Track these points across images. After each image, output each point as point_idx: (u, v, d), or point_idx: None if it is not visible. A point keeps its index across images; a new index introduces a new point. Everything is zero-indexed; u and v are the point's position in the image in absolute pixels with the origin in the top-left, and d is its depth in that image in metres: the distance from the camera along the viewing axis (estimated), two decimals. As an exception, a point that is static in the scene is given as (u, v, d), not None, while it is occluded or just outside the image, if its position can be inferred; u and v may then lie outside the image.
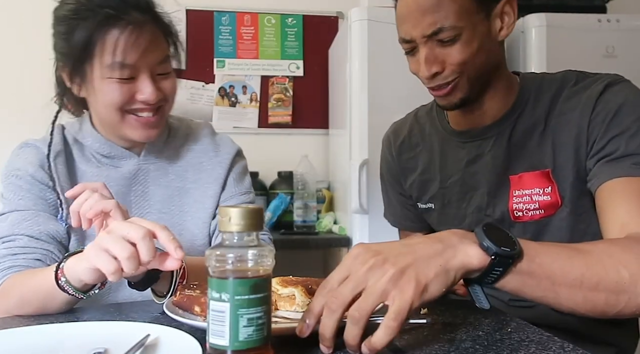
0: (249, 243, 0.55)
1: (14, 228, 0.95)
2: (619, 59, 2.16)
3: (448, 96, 0.98)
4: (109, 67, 0.93)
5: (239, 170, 1.15)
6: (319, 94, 2.69)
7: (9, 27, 2.48)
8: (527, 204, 1.00)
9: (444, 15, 0.91)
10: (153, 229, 0.70)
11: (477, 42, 0.94)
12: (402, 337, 0.68)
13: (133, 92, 0.96)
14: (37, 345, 0.63)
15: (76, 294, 0.78)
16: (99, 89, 0.96)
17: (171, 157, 1.10)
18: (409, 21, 0.95)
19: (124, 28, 0.93)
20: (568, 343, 0.65)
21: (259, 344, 0.54)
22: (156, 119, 1.00)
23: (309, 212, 2.36)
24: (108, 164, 1.06)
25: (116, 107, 0.96)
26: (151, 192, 1.08)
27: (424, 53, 0.95)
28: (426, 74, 0.95)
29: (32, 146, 1.05)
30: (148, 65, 0.96)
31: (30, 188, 1.00)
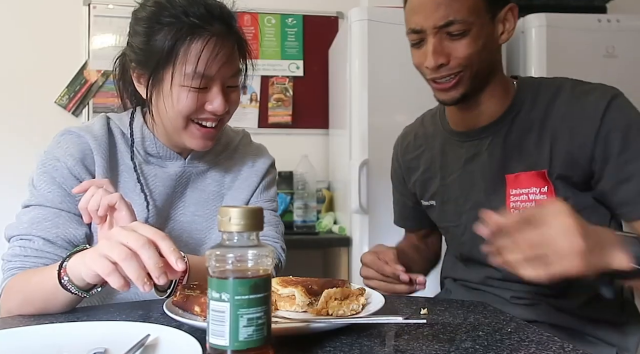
0: (249, 243, 0.55)
1: (33, 227, 0.94)
2: (619, 59, 2.16)
3: (450, 90, 1.01)
4: (188, 76, 0.94)
5: (269, 180, 1.18)
6: (319, 94, 2.69)
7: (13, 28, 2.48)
8: (524, 202, 1.02)
9: (456, 8, 0.95)
10: (153, 238, 0.69)
11: (482, 39, 0.98)
12: (402, 337, 0.68)
13: (203, 102, 0.97)
14: (37, 345, 0.63)
15: (78, 293, 0.78)
16: (172, 94, 0.96)
17: (211, 162, 1.12)
18: (421, 12, 0.97)
19: (207, 39, 0.94)
20: (568, 343, 0.65)
21: (259, 344, 0.54)
22: (215, 132, 1.02)
23: (309, 212, 2.36)
24: (155, 163, 1.07)
25: (185, 114, 0.97)
26: (188, 194, 1.09)
27: (432, 44, 0.98)
28: (432, 64, 0.98)
29: (75, 134, 1.02)
30: (222, 78, 0.97)
31: (63, 182, 0.98)
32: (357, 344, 0.65)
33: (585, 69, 2.15)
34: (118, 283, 0.68)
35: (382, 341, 0.67)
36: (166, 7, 0.95)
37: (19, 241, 0.94)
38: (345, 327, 0.70)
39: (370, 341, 0.66)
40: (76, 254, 0.78)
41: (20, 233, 0.94)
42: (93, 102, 2.54)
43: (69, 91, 2.51)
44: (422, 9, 0.97)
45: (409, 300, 0.94)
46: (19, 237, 0.94)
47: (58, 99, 2.50)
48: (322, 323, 0.67)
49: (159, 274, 0.67)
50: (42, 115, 2.44)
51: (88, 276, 0.73)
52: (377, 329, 0.71)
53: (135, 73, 1.00)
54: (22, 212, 0.97)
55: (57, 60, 2.51)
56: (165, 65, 0.95)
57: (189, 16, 0.93)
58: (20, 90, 2.47)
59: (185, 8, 0.94)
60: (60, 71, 2.50)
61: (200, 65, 0.93)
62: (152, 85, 0.98)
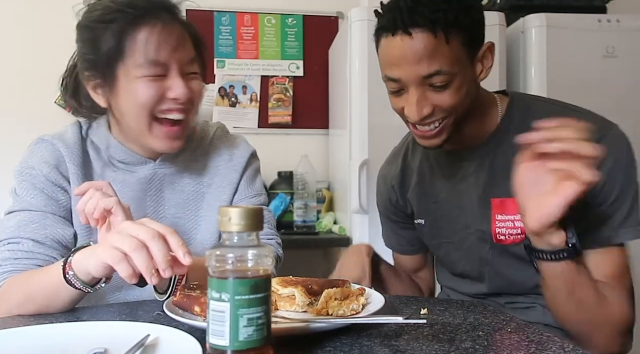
0: (249, 243, 0.55)
1: (20, 230, 0.95)
2: (619, 59, 2.16)
3: (433, 138, 0.99)
4: (141, 66, 0.93)
5: (251, 173, 1.15)
6: (319, 94, 2.68)
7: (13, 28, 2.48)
8: (509, 229, 1.01)
9: (439, 62, 0.91)
10: (163, 232, 0.71)
11: (465, 87, 0.95)
12: (402, 337, 0.68)
13: (164, 90, 0.95)
14: (37, 345, 0.63)
15: (83, 288, 0.79)
16: (129, 90, 0.95)
17: (187, 160, 1.10)
18: (401, 64, 0.93)
19: (153, 26, 0.93)
20: (568, 343, 0.65)
21: (259, 344, 0.54)
22: (180, 130, 1.00)
23: (309, 212, 2.36)
24: (124, 169, 1.05)
25: (147, 107, 0.95)
26: (166, 196, 1.07)
27: (415, 96, 0.94)
28: (415, 118, 0.95)
29: (47, 142, 1.03)
30: (178, 63, 0.96)
31: (43, 188, 0.99)
32: (357, 344, 0.65)
33: (585, 69, 2.17)
34: (126, 272, 0.70)
35: (382, 341, 0.67)
36: (107, 7, 0.95)
37: (8, 245, 0.94)
38: (345, 327, 0.70)
39: (370, 341, 0.66)
40: (82, 250, 0.79)
41: (8, 237, 0.94)
42: (93, 102, 2.54)
43: (69, 91, 2.51)
44: (402, 61, 0.93)
45: (409, 300, 0.94)
46: (7, 241, 0.94)
47: (58, 99, 2.50)
48: (322, 323, 0.67)
49: (165, 267, 0.69)
50: (42, 115, 2.43)
51: (97, 267, 0.74)
52: (377, 329, 0.71)
53: (90, 83, 0.99)
54: (7, 218, 0.98)
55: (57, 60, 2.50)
56: (117, 61, 0.94)
57: (131, 8, 0.93)
58: (21, 90, 2.46)
59: (126, 2, 0.94)
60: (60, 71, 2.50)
61: (150, 52, 0.92)
62: (109, 88, 0.96)
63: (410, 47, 0.91)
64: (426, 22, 0.90)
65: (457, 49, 0.92)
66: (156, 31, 0.93)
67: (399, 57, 0.93)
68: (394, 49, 0.93)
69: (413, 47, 0.91)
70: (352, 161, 2.06)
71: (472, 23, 0.94)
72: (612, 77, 2.12)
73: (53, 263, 0.92)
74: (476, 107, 1.01)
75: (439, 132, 0.98)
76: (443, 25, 0.90)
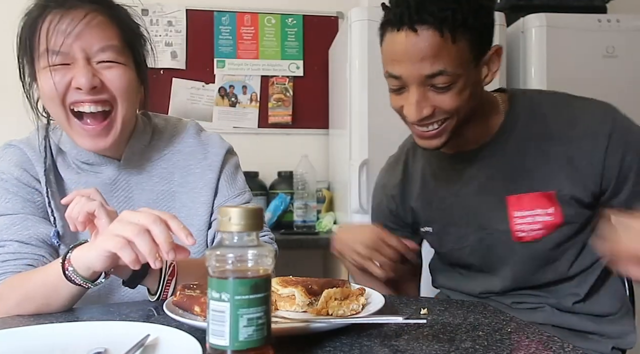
0: (249, 243, 0.55)
1: (3, 234, 0.94)
2: (619, 59, 2.16)
3: (432, 138, 0.98)
4: (42, 56, 0.91)
5: (230, 170, 1.11)
6: (319, 94, 2.69)
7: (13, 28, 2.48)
8: (529, 225, 1.00)
9: (443, 62, 0.89)
10: (164, 217, 0.71)
11: (468, 90, 0.93)
12: (402, 337, 0.68)
13: (69, 80, 0.92)
14: (37, 345, 0.63)
15: (83, 283, 0.78)
16: (39, 83, 0.94)
17: (155, 159, 1.06)
18: (403, 62, 0.92)
19: (55, 14, 0.91)
20: (568, 343, 0.65)
21: (259, 344, 0.54)
22: (104, 127, 0.95)
23: (309, 212, 2.36)
24: (88, 171, 1.03)
25: (54, 99, 0.92)
26: (135, 197, 1.04)
27: (416, 96, 0.93)
28: (414, 118, 0.94)
29: (14, 147, 1.03)
30: (83, 52, 0.92)
31: (18, 191, 0.98)
32: (357, 344, 0.65)
33: (585, 69, 2.17)
34: (130, 257, 0.71)
35: (382, 341, 0.67)
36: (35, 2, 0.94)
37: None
38: (345, 327, 0.70)
39: (370, 341, 0.66)
40: (80, 246, 0.79)
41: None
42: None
43: (69, 91, 2.51)
44: (406, 58, 0.91)
45: (409, 300, 0.94)
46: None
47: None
48: (322, 323, 0.67)
49: (168, 249, 0.69)
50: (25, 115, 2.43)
51: (99, 257, 0.74)
52: (377, 329, 0.71)
53: (27, 82, 0.99)
54: None
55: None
56: (29, 57, 0.93)
57: (43, 2, 0.92)
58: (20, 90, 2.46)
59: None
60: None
61: (49, 41, 0.90)
62: (29, 83, 0.96)
63: (414, 44, 0.90)
64: (434, 20, 0.88)
65: (463, 50, 0.90)
66: (57, 18, 0.91)
67: (402, 54, 0.91)
68: (398, 45, 0.92)
69: (417, 45, 0.89)
70: (352, 161, 2.06)
71: (480, 25, 0.92)
72: (612, 77, 2.12)
73: (43, 261, 0.92)
74: (479, 109, 1.00)
75: (438, 133, 0.96)
76: (451, 25, 0.88)
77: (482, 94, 1.00)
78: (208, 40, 2.63)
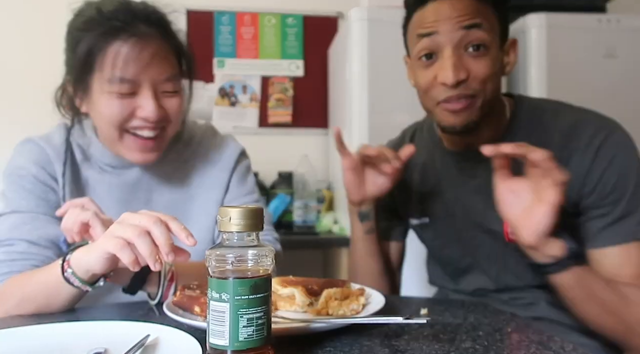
0: (249, 243, 0.55)
1: (13, 232, 0.94)
2: (619, 59, 2.16)
3: (462, 112, 0.96)
4: (109, 81, 0.91)
5: (242, 171, 1.13)
6: (319, 94, 2.69)
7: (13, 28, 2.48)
8: None
9: (480, 17, 0.92)
10: (164, 218, 0.72)
11: (497, 64, 0.96)
12: (402, 337, 0.68)
13: (133, 108, 0.93)
14: (37, 345, 0.63)
15: (81, 286, 0.79)
16: (98, 103, 0.93)
17: (174, 162, 1.09)
18: (438, 20, 0.92)
19: (126, 40, 0.90)
20: (568, 343, 0.65)
21: (259, 344, 0.54)
22: (156, 143, 0.97)
23: (309, 212, 2.36)
24: (110, 172, 1.05)
25: (115, 123, 0.93)
26: (154, 199, 1.06)
27: (452, 58, 0.92)
28: (451, 79, 0.91)
29: (34, 143, 1.03)
30: (151, 81, 0.93)
31: (33, 188, 0.99)
32: (357, 344, 0.65)
33: (585, 69, 2.17)
34: (129, 258, 0.70)
35: (382, 341, 0.67)
36: (92, 15, 0.92)
37: (2, 247, 0.94)
38: (345, 327, 0.70)
39: (370, 341, 0.66)
40: (80, 248, 0.79)
41: (1, 239, 0.94)
42: (93, 102, 2.54)
43: (69, 91, 2.51)
44: (442, 16, 0.92)
45: (409, 300, 0.94)
46: (1, 243, 0.94)
47: (58, 99, 2.50)
48: (322, 323, 0.67)
49: (168, 251, 0.69)
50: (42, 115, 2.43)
51: (99, 259, 0.74)
52: (377, 329, 0.71)
53: (72, 88, 0.98)
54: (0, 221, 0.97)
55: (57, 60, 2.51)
56: (87, 71, 0.92)
57: (109, 19, 0.90)
58: (21, 90, 2.46)
59: (107, 12, 0.91)
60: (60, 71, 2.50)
61: (118, 68, 0.89)
62: (81, 97, 0.96)
63: (450, 5, 0.92)
64: None
65: (493, 20, 0.94)
66: (127, 46, 0.90)
67: (437, 14, 0.93)
68: (430, 12, 0.94)
69: (453, 5, 0.92)
70: (352, 161, 2.06)
71: (504, 9, 0.96)
72: (612, 77, 2.12)
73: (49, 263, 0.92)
74: (494, 105, 1.01)
75: (468, 106, 0.95)
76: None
77: (500, 85, 1.01)
78: (208, 40, 2.63)
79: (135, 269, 0.72)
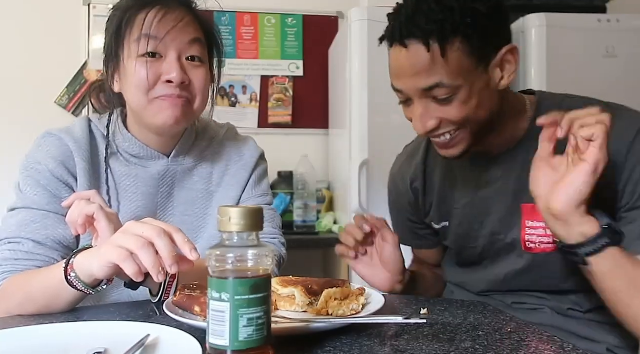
0: (249, 243, 0.55)
1: (21, 230, 0.94)
2: (619, 59, 2.16)
3: (449, 148, 0.95)
4: (136, 43, 0.94)
5: (260, 173, 1.16)
6: (319, 94, 2.69)
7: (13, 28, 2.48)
8: (540, 236, 0.97)
9: (437, 75, 0.87)
10: (168, 230, 0.72)
11: (475, 99, 0.89)
12: (402, 337, 0.68)
13: (159, 73, 0.96)
14: (37, 345, 0.63)
15: (84, 290, 0.79)
16: (129, 71, 0.96)
17: (197, 159, 1.10)
18: (401, 76, 0.91)
19: (152, 7, 0.95)
20: (568, 343, 0.65)
21: (259, 344, 0.54)
22: (183, 103, 0.97)
23: (309, 212, 2.36)
24: (137, 164, 1.05)
25: (142, 88, 0.95)
26: (175, 194, 1.07)
27: (419, 109, 0.91)
28: (420, 131, 0.92)
29: (55, 137, 1.02)
30: (176, 45, 0.96)
31: (48, 184, 0.98)
32: (357, 344, 0.65)
33: (585, 69, 2.17)
34: (132, 269, 0.71)
35: (382, 341, 0.67)
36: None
37: (8, 244, 0.93)
38: (345, 327, 0.70)
39: (370, 341, 0.66)
40: (84, 251, 0.79)
41: (9, 236, 0.94)
42: (93, 102, 2.54)
43: (69, 91, 2.51)
44: (402, 73, 0.90)
45: (409, 300, 0.94)
46: (8, 240, 0.94)
47: (58, 99, 2.50)
48: (322, 323, 0.67)
49: (172, 263, 0.70)
50: (42, 115, 2.43)
51: (102, 267, 0.74)
52: (377, 329, 0.71)
53: (105, 67, 1.01)
54: (9, 216, 0.97)
55: (57, 60, 2.51)
56: (118, 44, 0.96)
57: None
58: (20, 90, 2.47)
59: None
60: (60, 71, 2.51)
61: (145, 28, 0.94)
62: (117, 70, 0.98)
63: (407, 59, 0.88)
64: (421, 34, 0.86)
65: (459, 60, 0.87)
66: (154, 11, 0.95)
67: (399, 69, 0.91)
68: (394, 61, 0.92)
69: (409, 60, 0.88)
70: (352, 161, 2.07)
71: (479, 30, 0.87)
72: (612, 77, 2.12)
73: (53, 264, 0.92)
74: (503, 114, 0.96)
75: (453, 143, 0.94)
76: (439, 37, 0.85)
77: (504, 98, 0.96)
78: (208, 40, 2.63)
79: (138, 280, 0.73)
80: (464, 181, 1.08)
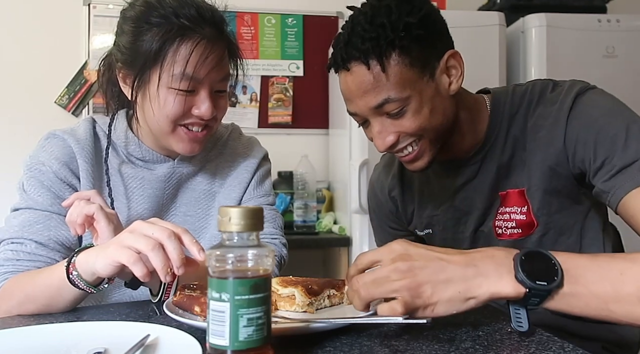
0: (249, 243, 0.55)
1: (24, 231, 0.94)
2: (619, 59, 2.16)
3: (414, 161, 0.96)
4: (176, 78, 0.93)
5: (262, 173, 1.16)
6: (319, 94, 2.69)
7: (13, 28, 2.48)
8: (506, 222, 1.00)
9: (384, 91, 0.88)
10: (177, 231, 0.72)
11: (427, 107, 0.91)
12: (402, 337, 0.68)
13: (190, 106, 0.96)
14: (37, 345, 0.63)
15: (86, 288, 0.79)
16: (158, 97, 0.95)
17: (202, 160, 1.10)
18: (351, 99, 0.93)
19: (197, 42, 0.93)
20: (568, 343, 0.65)
21: (259, 344, 0.54)
22: (203, 135, 1.00)
23: (309, 212, 2.36)
24: (142, 166, 1.05)
25: (171, 118, 0.95)
26: (179, 194, 1.08)
27: (376, 127, 0.93)
28: (381, 148, 0.94)
29: (59, 138, 1.02)
30: (211, 82, 0.96)
31: (51, 185, 0.98)
32: (357, 344, 0.65)
33: (585, 69, 2.17)
34: (142, 271, 0.71)
35: (382, 341, 0.67)
36: (155, 7, 0.93)
37: (10, 244, 0.93)
38: (345, 327, 0.70)
39: (370, 341, 0.66)
40: (86, 250, 0.79)
41: (12, 237, 0.94)
42: (93, 102, 2.53)
43: (69, 91, 2.51)
44: (352, 96, 0.92)
45: (409, 300, 0.94)
46: (10, 240, 0.94)
47: (58, 99, 2.50)
48: (322, 323, 0.67)
49: (179, 265, 0.70)
50: (42, 115, 2.44)
51: (106, 267, 0.74)
52: (377, 329, 0.71)
53: (121, 73, 0.99)
54: (12, 216, 0.97)
55: (57, 60, 2.51)
56: (153, 66, 0.93)
57: (179, 17, 0.92)
58: (20, 90, 2.47)
59: (175, 9, 0.93)
60: (60, 71, 2.50)
61: (189, 68, 0.92)
62: (138, 86, 0.96)
63: (352, 82, 0.91)
64: (359, 54, 0.88)
65: (401, 73, 0.88)
66: (199, 48, 0.93)
67: (348, 93, 0.93)
68: (343, 86, 0.94)
69: (354, 82, 0.90)
70: (352, 161, 2.07)
71: (414, 41, 0.89)
72: (612, 77, 2.12)
73: None
74: (462, 117, 0.98)
75: (417, 155, 0.95)
76: (376, 54, 0.87)
77: (459, 101, 0.97)
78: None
79: (146, 280, 0.73)
80: (441, 187, 1.09)
